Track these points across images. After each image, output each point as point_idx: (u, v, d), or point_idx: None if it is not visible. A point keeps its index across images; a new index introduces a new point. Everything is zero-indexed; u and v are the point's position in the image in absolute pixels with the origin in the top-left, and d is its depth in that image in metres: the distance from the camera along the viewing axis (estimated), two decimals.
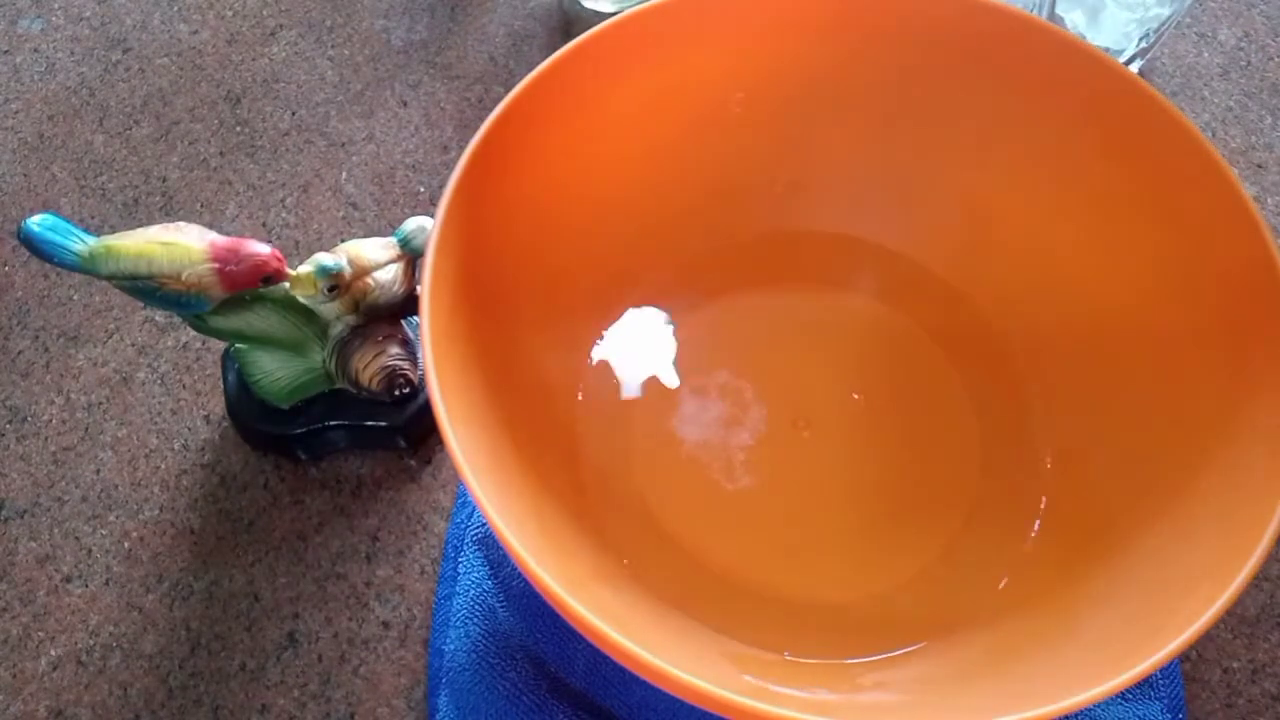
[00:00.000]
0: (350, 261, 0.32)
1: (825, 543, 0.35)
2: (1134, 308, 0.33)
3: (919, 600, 0.33)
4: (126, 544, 0.37)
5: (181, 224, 0.31)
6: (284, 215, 0.44)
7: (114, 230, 0.40)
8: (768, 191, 0.39)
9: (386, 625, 0.35)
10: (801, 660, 0.31)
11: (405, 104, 0.48)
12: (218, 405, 0.39)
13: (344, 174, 0.46)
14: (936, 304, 0.38)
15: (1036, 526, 0.33)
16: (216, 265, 0.30)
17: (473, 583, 0.34)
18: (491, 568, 0.35)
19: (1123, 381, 0.33)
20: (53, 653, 0.35)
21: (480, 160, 0.29)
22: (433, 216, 0.29)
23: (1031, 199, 0.35)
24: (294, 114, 0.47)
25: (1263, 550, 0.24)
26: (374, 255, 0.33)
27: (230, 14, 0.51)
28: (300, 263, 0.32)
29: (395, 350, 0.35)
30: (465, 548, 0.35)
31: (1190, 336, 0.31)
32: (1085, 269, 0.34)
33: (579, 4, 0.49)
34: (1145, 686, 0.33)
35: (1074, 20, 0.44)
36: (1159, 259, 0.32)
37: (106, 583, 0.36)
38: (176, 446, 0.39)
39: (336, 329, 0.35)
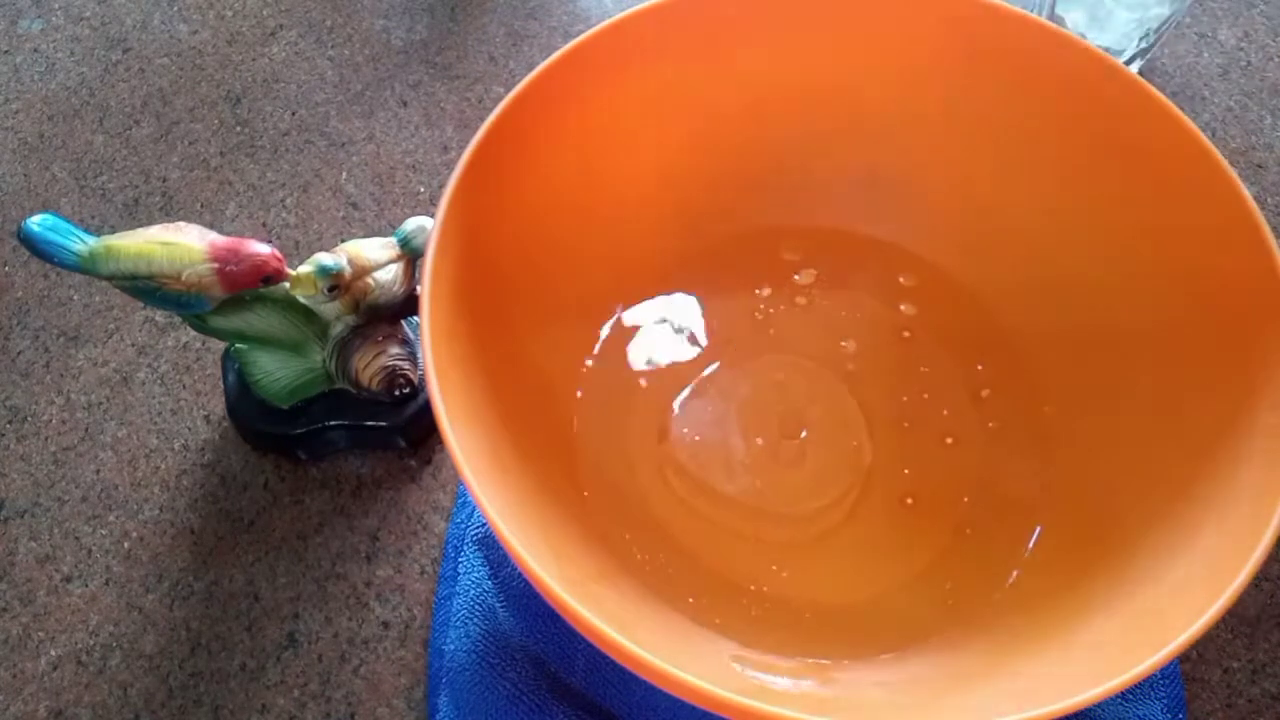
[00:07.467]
0: (350, 261, 0.32)
1: (825, 543, 0.34)
2: (1134, 307, 0.33)
3: (919, 600, 0.33)
4: (126, 544, 0.37)
5: (181, 224, 0.31)
6: (284, 215, 0.44)
7: (114, 230, 0.40)
8: (768, 189, 0.39)
9: (386, 625, 0.35)
10: (801, 660, 0.31)
11: (405, 104, 0.48)
12: (218, 405, 0.39)
13: (344, 174, 0.46)
14: (938, 303, 0.38)
15: (1037, 527, 0.33)
16: (216, 265, 0.30)
17: (473, 583, 0.34)
18: (491, 568, 0.35)
19: (1123, 380, 0.33)
20: (53, 653, 0.35)
21: (480, 160, 0.29)
22: (433, 216, 0.29)
23: (1032, 198, 0.35)
24: (294, 114, 0.47)
25: (1263, 550, 0.24)
26: (374, 255, 0.33)
27: (230, 14, 0.51)
28: (300, 263, 0.32)
29: (395, 350, 0.35)
30: (465, 548, 0.35)
31: (1190, 336, 0.31)
32: (1085, 267, 0.34)
33: None
34: (1145, 686, 0.33)
35: (1074, 20, 0.44)
36: (1159, 259, 0.32)
37: (106, 583, 0.36)
38: (176, 446, 0.39)
39: (336, 329, 0.35)
